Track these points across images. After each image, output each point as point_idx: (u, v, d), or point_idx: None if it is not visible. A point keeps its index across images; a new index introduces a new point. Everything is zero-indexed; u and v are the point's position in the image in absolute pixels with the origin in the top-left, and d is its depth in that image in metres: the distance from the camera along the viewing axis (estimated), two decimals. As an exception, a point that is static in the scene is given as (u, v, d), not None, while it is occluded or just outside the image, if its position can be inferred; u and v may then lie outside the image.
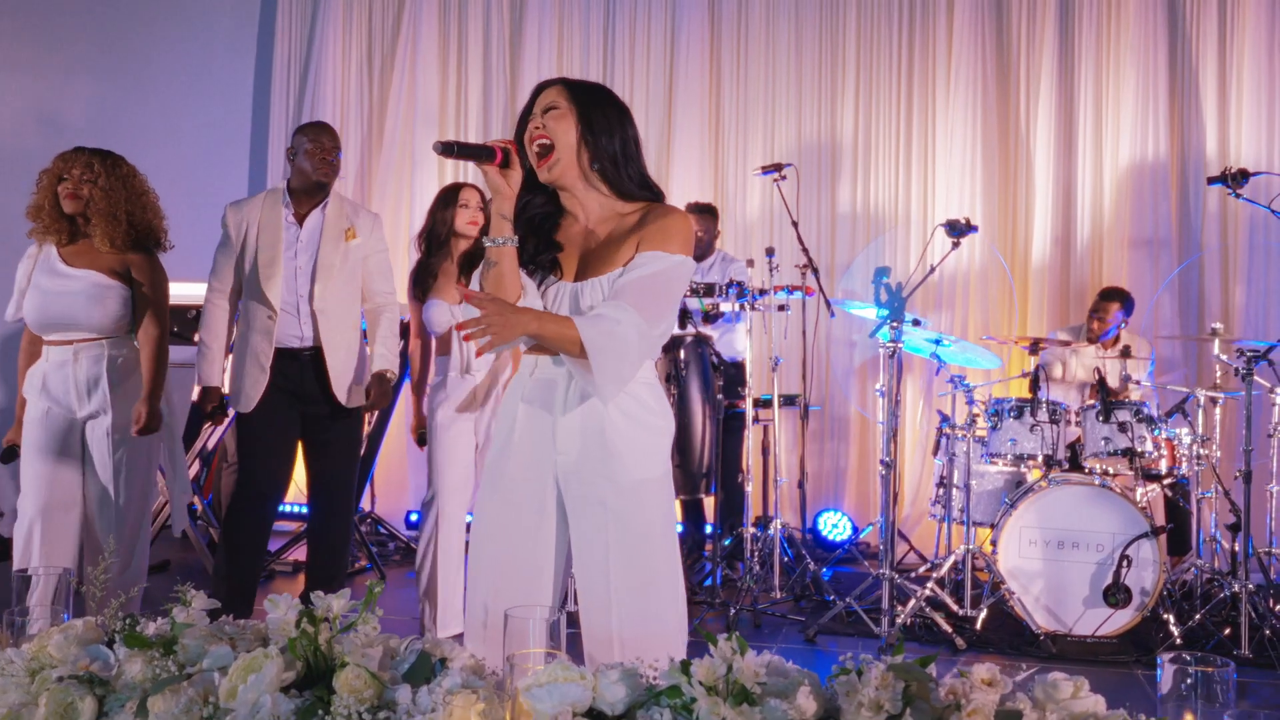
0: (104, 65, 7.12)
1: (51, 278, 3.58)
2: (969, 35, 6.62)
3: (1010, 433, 4.62)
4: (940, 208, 6.59)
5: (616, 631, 2.33)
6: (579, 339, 2.18)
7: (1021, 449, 4.61)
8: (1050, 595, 4.36)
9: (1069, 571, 4.36)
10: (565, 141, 2.29)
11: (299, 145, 4.03)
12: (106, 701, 1.70)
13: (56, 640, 1.74)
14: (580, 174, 2.32)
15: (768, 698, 1.55)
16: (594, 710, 1.58)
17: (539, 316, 2.23)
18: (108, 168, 3.58)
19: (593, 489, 2.31)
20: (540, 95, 2.34)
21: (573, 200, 2.35)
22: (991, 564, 4.47)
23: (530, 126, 2.30)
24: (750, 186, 6.79)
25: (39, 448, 3.58)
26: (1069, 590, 4.34)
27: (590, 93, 2.35)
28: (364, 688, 1.63)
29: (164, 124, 7.06)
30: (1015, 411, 4.64)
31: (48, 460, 3.57)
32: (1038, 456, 4.61)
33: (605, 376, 2.20)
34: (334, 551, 4.13)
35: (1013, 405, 4.66)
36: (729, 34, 6.91)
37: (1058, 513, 4.38)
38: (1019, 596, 4.37)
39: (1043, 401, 4.63)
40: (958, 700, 1.48)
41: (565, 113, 2.30)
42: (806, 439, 6.39)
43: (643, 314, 2.22)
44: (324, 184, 4.02)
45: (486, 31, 7.18)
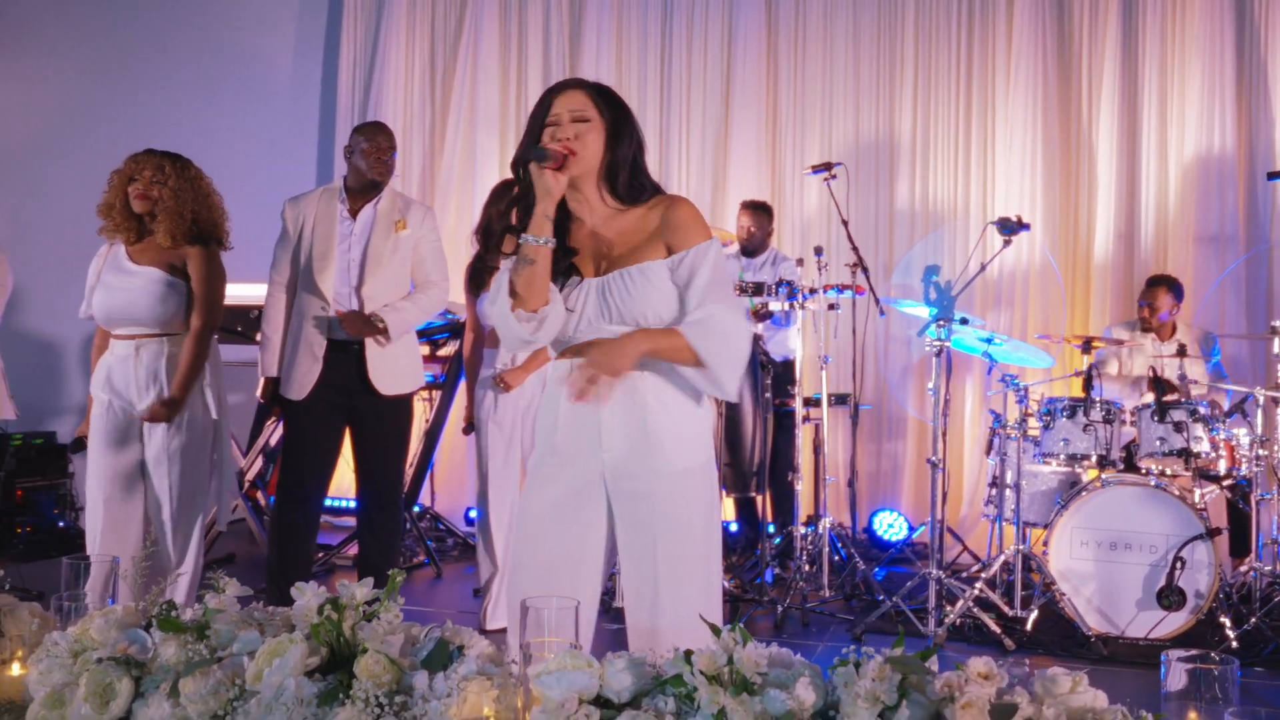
0: (177, 67, 7.33)
1: (118, 275, 3.71)
2: (1029, 30, 6.55)
3: (1063, 432, 4.58)
4: (1000, 204, 6.54)
5: (665, 623, 2.37)
6: (689, 345, 2.28)
7: (1074, 449, 4.56)
8: (1102, 597, 4.32)
9: (1122, 573, 4.31)
10: (593, 151, 2.34)
11: (355, 145, 4.14)
12: (143, 682, 1.78)
13: (98, 624, 1.83)
14: (594, 179, 2.37)
15: (768, 688, 1.58)
16: (601, 698, 1.63)
17: (647, 335, 2.30)
18: (177, 169, 3.71)
19: (639, 482, 2.36)
20: (561, 97, 2.36)
21: (580, 201, 2.39)
22: (1042, 565, 4.43)
23: (560, 134, 2.32)
24: (807, 185, 6.78)
25: (102, 440, 3.71)
26: (1121, 592, 4.30)
27: (615, 104, 2.39)
28: (383, 673, 1.70)
29: (234, 125, 7.25)
30: (1068, 411, 4.59)
31: (110, 452, 3.70)
32: (1091, 456, 4.55)
33: (727, 372, 2.32)
34: (384, 542, 4.21)
35: (1065, 404, 4.61)
36: (786, 32, 6.91)
37: (1110, 513, 4.34)
38: (1070, 598, 4.33)
39: (1096, 401, 4.57)
40: (952, 693, 1.50)
41: (596, 125, 2.34)
42: (863, 439, 6.39)
43: (725, 303, 2.34)
44: (379, 183, 4.11)
45: (546, 33, 7.26)
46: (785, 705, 1.55)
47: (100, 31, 7.39)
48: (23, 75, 7.48)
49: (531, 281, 2.29)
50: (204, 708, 1.69)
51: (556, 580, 2.38)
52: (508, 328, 2.33)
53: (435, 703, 1.66)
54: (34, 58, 7.45)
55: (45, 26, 7.44)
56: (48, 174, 7.32)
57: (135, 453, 3.72)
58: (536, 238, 2.29)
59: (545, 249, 2.29)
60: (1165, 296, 5.46)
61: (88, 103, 7.37)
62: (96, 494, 3.71)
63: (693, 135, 7.03)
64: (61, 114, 7.40)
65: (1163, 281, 5.54)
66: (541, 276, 2.30)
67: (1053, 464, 4.75)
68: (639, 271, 2.34)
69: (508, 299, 2.30)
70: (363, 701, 1.66)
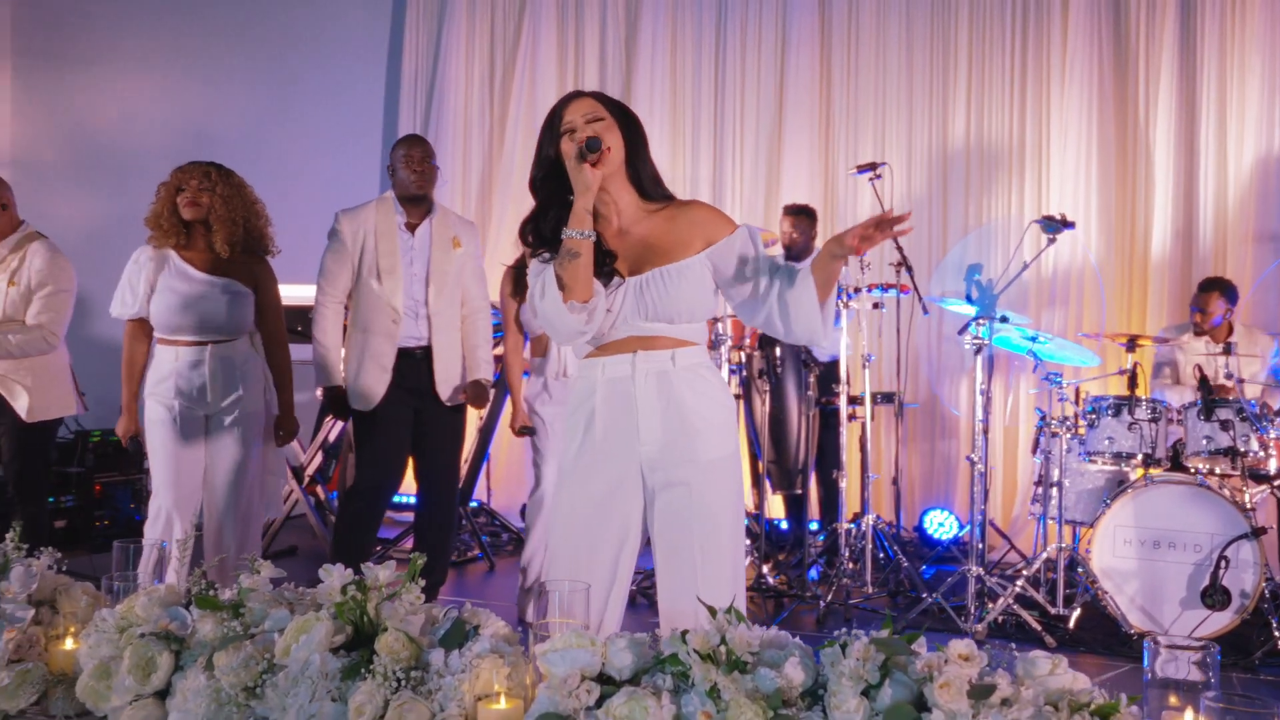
0: (249, 81, 7.57)
1: (188, 283, 3.84)
2: (1085, 30, 6.51)
3: (1107, 431, 4.57)
4: (1054, 205, 6.50)
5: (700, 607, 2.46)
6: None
7: (1119, 447, 4.55)
8: (1145, 595, 4.31)
9: (1165, 572, 4.29)
10: (616, 147, 2.44)
11: (395, 159, 4.23)
12: (182, 656, 1.91)
13: (142, 602, 1.96)
14: (621, 177, 2.47)
15: (760, 667, 1.66)
16: (604, 675, 1.72)
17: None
18: (222, 177, 3.88)
19: (676, 472, 2.45)
20: (570, 106, 2.46)
21: (607, 202, 2.48)
22: (1084, 563, 4.43)
23: (579, 136, 2.41)
24: (861, 187, 6.78)
25: (170, 444, 3.83)
26: (1165, 591, 4.28)
27: (623, 108, 2.50)
28: (402, 649, 1.80)
29: (303, 136, 7.46)
30: (1113, 409, 4.58)
31: (177, 456, 3.83)
32: (1136, 455, 4.54)
33: (830, 316, 2.48)
34: (440, 536, 4.32)
35: (1110, 403, 4.61)
36: (839, 35, 6.94)
37: (1154, 512, 4.32)
38: (1113, 596, 4.33)
39: (1141, 399, 4.56)
40: (931, 673, 1.57)
41: (611, 124, 2.44)
42: (915, 438, 6.41)
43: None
44: (424, 193, 4.23)
45: (602, 38, 7.37)
46: (775, 683, 1.63)
47: (178, 44, 7.65)
48: (108, 85, 7.78)
49: (577, 274, 2.37)
50: (236, 679, 1.80)
51: (596, 573, 2.49)
52: (561, 321, 2.39)
53: (449, 678, 1.76)
54: (119, 67, 7.74)
55: (129, 38, 7.72)
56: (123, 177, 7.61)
57: (200, 454, 3.88)
58: (580, 232, 2.37)
59: (588, 242, 2.37)
60: (1218, 301, 5.40)
61: (164, 112, 7.64)
62: (167, 498, 3.82)
63: (746, 138, 7.09)
64: (138, 121, 7.68)
65: (1215, 285, 5.47)
66: (586, 269, 2.38)
67: (1099, 462, 4.74)
68: (677, 270, 2.44)
69: (557, 293, 2.37)
70: (382, 676, 1.76)
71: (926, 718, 1.54)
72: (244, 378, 3.89)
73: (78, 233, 7.10)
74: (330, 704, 1.78)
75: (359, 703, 1.74)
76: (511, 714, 1.72)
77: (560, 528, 2.54)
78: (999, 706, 1.53)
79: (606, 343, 2.48)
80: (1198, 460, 4.51)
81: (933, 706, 1.54)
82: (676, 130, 7.21)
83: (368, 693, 1.75)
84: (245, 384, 3.89)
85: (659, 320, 2.45)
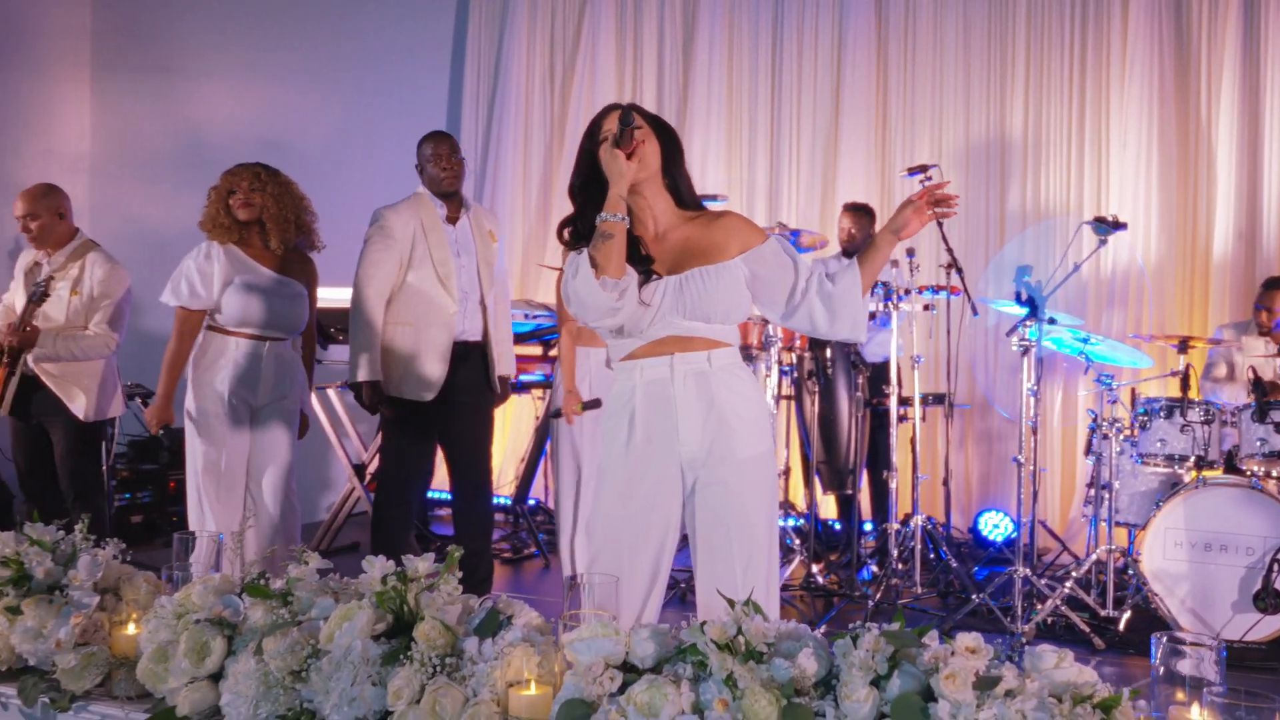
0: (316, 87, 7.77)
1: (261, 280, 4.01)
2: (1145, 27, 6.44)
3: (1159, 433, 4.55)
4: (1114, 204, 6.46)
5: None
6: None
7: (1171, 449, 4.52)
8: (1196, 598, 4.29)
9: (1216, 574, 4.27)
10: (653, 152, 2.55)
11: (423, 157, 4.29)
12: (234, 641, 2.02)
13: (198, 590, 2.07)
14: (657, 183, 2.58)
15: (775, 657, 1.73)
16: (627, 663, 1.80)
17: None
18: (271, 176, 4.04)
19: (715, 470, 2.55)
20: (609, 117, 2.56)
21: (643, 205, 2.58)
22: (1134, 565, 4.42)
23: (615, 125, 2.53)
24: (917, 187, 6.79)
25: (218, 432, 4.00)
26: (1216, 593, 4.26)
27: (660, 120, 2.61)
28: (438, 637, 1.90)
29: (368, 137, 7.62)
30: (1165, 411, 4.56)
31: (225, 445, 4.00)
32: (1189, 457, 4.51)
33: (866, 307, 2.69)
34: (479, 526, 4.39)
35: (1163, 405, 4.58)
36: (896, 35, 6.94)
37: (1205, 514, 4.30)
38: (1163, 599, 4.31)
39: (1194, 401, 4.53)
40: (938, 664, 1.63)
41: (649, 133, 2.55)
42: (972, 439, 6.41)
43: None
44: (455, 189, 4.30)
45: (660, 40, 7.44)
46: (789, 673, 1.69)
47: (248, 53, 7.87)
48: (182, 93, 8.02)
49: (611, 252, 2.45)
50: (283, 664, 1.91)
51: (639, 572, 2.58)
52: (593, 297, 2.45)
53: (482, 665, 1.85)
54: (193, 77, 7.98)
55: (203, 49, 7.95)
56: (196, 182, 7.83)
57: (246, 443, 4.04)
58: (614, 215, 2.46)
59: (621, 225, 2.47)
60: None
61: (235, 119, 7.86)
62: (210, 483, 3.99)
63: (802, 139, 7.12)
64: (210, 127, 7.91)
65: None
66: (619, 248, 2.46)
67: (1151, 465, 4.71)
68: (717, 271, 2.53)
69: (590, 270, 2.44)
70: (419, 662, 1.86)
71: (933, 708, 1.59)
72: (292, 375, 4.07)
73: (152, 236, 7.35)
74: (370, 688, 1.88)
75: (397, 687, 1.84)
76: (540, 700, 1.81)
77: (603, 528, 2.62)
78: (1003, 697, 1.58)
79: (643, 344, 2.56)
80: (1252, 463, 4.47)
81: (939, 697, 1.59)
82: (733, 132, 7.26)
83: (405, 678, 1.85)
84: (293, 381, 4.06)
85: (697, 319, 2.54)
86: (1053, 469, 6.29)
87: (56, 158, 7.81)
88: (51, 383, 4.41)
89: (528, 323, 5.89)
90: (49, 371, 4.40)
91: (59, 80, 7.90)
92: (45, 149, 7.72)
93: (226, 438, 4.02)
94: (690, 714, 1.69)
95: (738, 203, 7.14)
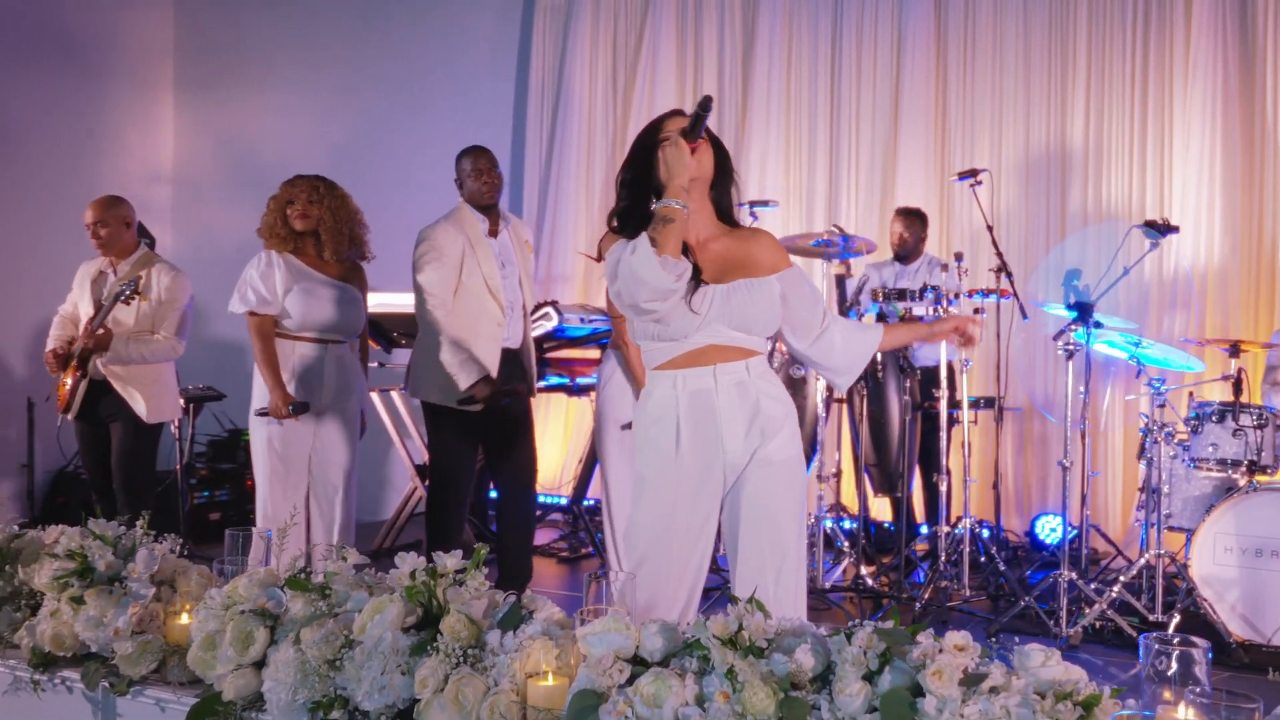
0: (379, 89, 7.98)
1: (320, 286, 4.19)
2: (1209, 29, 6.35)
3: (1211, 437, 4.52)
4: (1177, 207, 6.39)
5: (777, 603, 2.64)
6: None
7: (1223, 454, 4.49)
8: (1247, 604, 4.26)
9: (1268, 580, 4.23)
10: (707, 160, 2.65)
11: (463, 172, 4.44)
12: (276, 632, 2.15)
13: (244, 583, 2.21)
14: (704, 192, 2.68)
15: (775, 652, 1.81)
16: (638, 657, 1.90)
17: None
18: (329, 189, 4.22)
19: (752, 473, 2.66)
20: (673, 120, 2.67)
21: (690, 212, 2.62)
22: (1183, 570, 4.40)
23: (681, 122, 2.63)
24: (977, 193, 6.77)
25: (282, 434, 4.18)
26: (1268, 599, 4.22)
27: (716, 137, 2.70)
28: (463, 630, 2.01)
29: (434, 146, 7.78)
30: (1216, 415, 4.53)
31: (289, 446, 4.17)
32: (1242, 462, 4.48)
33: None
34: (521, 525, 4.54)
35: (1214, 409, 4.55)
36: (955, 38, 6.93)
37: (1255, 519, 4.27)
38: (1212, 604, 4.29)
39: (1247, 405, 4.49)
40: (926, 660, 1.70)
41: (706, 144, 2.64)
42: (1031, 443, 6.39)
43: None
44: (494, 202, 4.44)
45: (720, 47, 7.51)
46: (787, 667, 1.78)
47: (320, 67, 8.11)
48: (258, 107, 8.30)
49: (670, 234, 2.50)
50: (318, 653, 2.04)
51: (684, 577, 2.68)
52: (651, 274, 2.47)
53: (503, 656, 1.97)
54: (269, 91, 8.25)
55: (279, 64, 8.21)
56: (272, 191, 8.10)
57: (308, 443, 4.21)
58: (678, 202, 2.53)
59: (682, 211, 2.53)
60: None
61: (308, 130, 8.11)
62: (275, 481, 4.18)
63: (861, 144, 7.13)
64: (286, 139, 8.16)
65: None
66: (679, 232, 2.53)
67: (1204, 469, 4.68)
68: (760, 284, 2.65)
69: (649, 248, 2.47)
70: (444, 653, 1.98)
71: (920, 703, 1.67)
72: (352, 378, 4.23)
73: (231, 244, 7.60)
74: (400, 677, 2.00)
75: (423, 676, 1.96)
76: (556, 691, 1.91)
77: (648, 534, 2.68)
78: (988, 694, 1.65)
79: (683, 353, 2.64)
80: (1307, 468, 4.43)
81: (927, 692, 1.67)
82: (791, 138, 7.30)
83: (431, 668, 1.96)
84: (353, 384, 4.22)
85: (740, 329, 2.63)
86: (1114, 474, 6.25)
87: (140, 170, 8.13)
88: (118, 385, 4.63)
89: (584, 327, 6.00)
90: (116, 374, 4.63)
91: (144, 96, 8.22)
92: (130, 162, 8.04)
93: (290, 439, 4.19)
94: (693, 705, 1.78)
95: (796, 208, 7.20)
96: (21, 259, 7.04)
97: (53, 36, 7.40)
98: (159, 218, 7.91)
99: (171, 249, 7.65)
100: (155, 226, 6.45)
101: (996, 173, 6.80)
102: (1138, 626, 4.38)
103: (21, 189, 7.17)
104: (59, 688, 2.32)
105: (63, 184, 7.25)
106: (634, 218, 2.62)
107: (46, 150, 7.33)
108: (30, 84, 7.22)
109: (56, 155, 7.38)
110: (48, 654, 2.31)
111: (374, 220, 4.54)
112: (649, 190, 2.62)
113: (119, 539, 2.42)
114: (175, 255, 6.51)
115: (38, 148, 7.27)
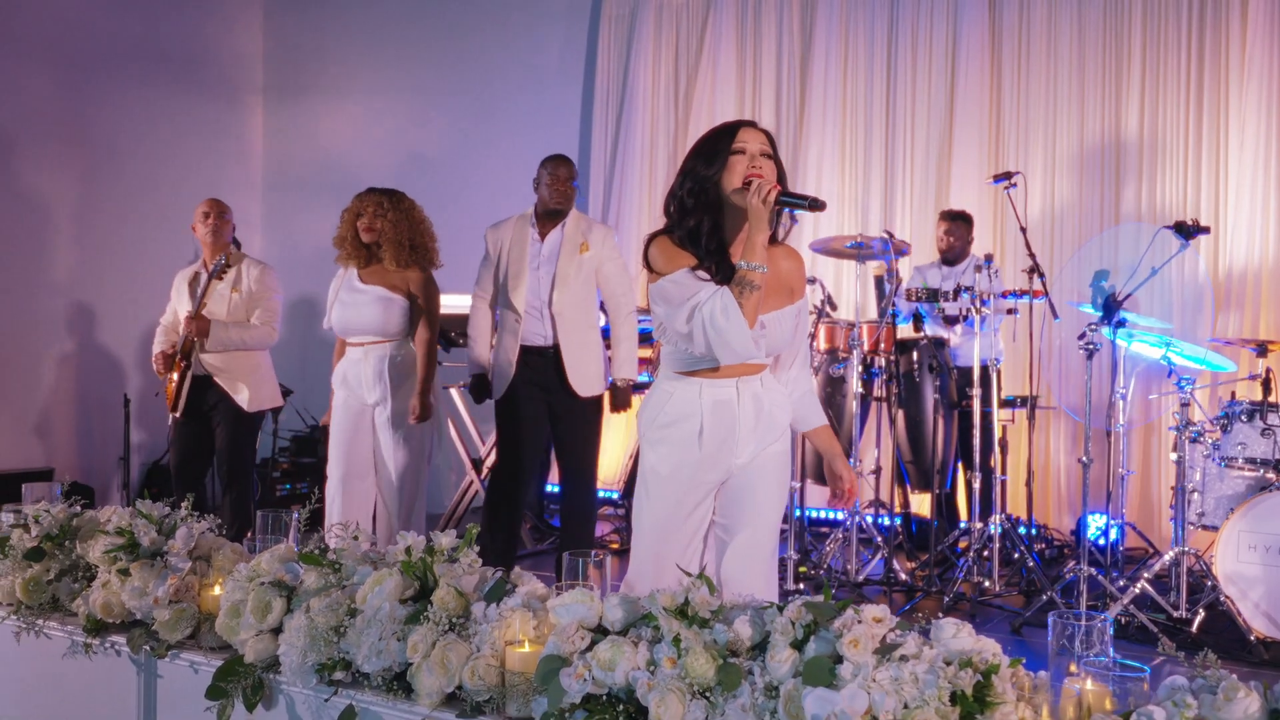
0: (454, 94, 8.29)
1: (351, 293, 4.52)
2: (1265, 27, 6.32)
3: (1240, 436, 4.56)
4: (1232, 206, 6.38)
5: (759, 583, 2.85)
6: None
7: (1252, 453, 4.53)
8: (1270, 602, 4.29)
9: (1292, 578, 4.27)
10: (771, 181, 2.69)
11: (540, 176, 4.75)
12: (292, 601, 2.40)
13: (265, 558, 2.47)
14: None
15: (717, 623, 2.00)
16: (601, 627, 2.10)
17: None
18: (393, 203, 4.48)
19: (754, 465, 2.87)
20: (746, 130, 2.71)
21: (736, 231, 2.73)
22: (1207, 567, 4.45)
23: (753, 162, 2.66)
24: (1031, 192, 6.82)
25: (339, 429, 4.52)
26: (1291, 597, 4.26)
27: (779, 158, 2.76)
28: (452, 601, 2.24)
29: (506, 150, 8.07)
30: (1246, 415, 4.57)
31: (345, 439, 4.50)
32: (1271, 461, 4.51)
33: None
34: (582, 520, 4.78)
35: (1244, 408, 4.59)
36: (1010, 40, 6.98)
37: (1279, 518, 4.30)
38: (1236, 601, 4.33)
39: (1276, 405, 4.52)
40: (842, 631, 1.87)
41: (773, 165, 2.71)
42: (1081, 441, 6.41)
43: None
44: (561, 209, 4.70)
45: (778, 54, 7.64)
46: (727, 636, 1.97)
47: (399, 76, 8.45)
48: (343, 114, 8.68)
49: (756, 304, 2.63)
50: (325, 620, 2.28)
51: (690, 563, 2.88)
52: (742, 344, 2.63)
53: (485, 625, 2.18)
54: (353, 98, 8.63)
55: (361, 72, 8.58)
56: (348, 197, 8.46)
57: (368, 439, 4.50)
58: (760, 265, 2.61)
59: (765, 276, 2.63)
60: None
61: (389, 136, 8.46)
62: (334, 473, 4.49)
63: (916, 148, 7.22)
64: (368, 145, 8.52)
65: None
66: (760, 299, 2.65)
67: (1235, 468, 4.72)
68: (791, 313, 2.85)
69: (740, 316, 2.59)
70: (433, 622, 2.20)
71: (839, 669, 1.84)
72: (398, 376, 4.46)
73: (318, 246, 7.99)
74: (395, 643, 2.22)
75: (414, 641, 2.18)
76: (530, 656, 2.13)
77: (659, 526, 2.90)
78: (899, 661, 1.82)
79: (712, 367, 2.78)
80: (1337, 467, 4.44)
81: (844, 659, 1.84)
82: (847, 142, 7.41)
83: (421, 634, 2.19)
84: (399, 381, 4.46)
85: (769, 353, 2.84)
86: (1159, 473, 6.26)
87: (232, 175, 8.55)
88: (220, 377, 4.96)
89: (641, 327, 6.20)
90: (216, 367, 4.94)
91: (234, 105, 8.65)
92: (222, 170, 8.46)
93: (346, 435, 4.50)
94: (643, 670, 1.97)
95: (851, 212, 7.31)
96: (134, 267, 7.50)
97: (151, 54, 7.84)
98: (248, 222, 8.32)
99: (260, 253, 8.04)
100: (243, 231, 6.82)
101: (1050, 171, 6.85)
102: (1161, 623, 4.45)
103: (134, 200, 7.64)
104: (109, 651, 2.59)
105: (163, 194, 7.71)
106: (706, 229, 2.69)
107: (152, 164, 7.78)
108: (133, 101, 7.69)
109: (160, 167, 7.83)
110: (99, 620, 2.59)
111: (444, 223, 4.85)
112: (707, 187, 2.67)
113: (164, 518, 2.69)
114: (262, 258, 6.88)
115: (145, 163, 7.73)
